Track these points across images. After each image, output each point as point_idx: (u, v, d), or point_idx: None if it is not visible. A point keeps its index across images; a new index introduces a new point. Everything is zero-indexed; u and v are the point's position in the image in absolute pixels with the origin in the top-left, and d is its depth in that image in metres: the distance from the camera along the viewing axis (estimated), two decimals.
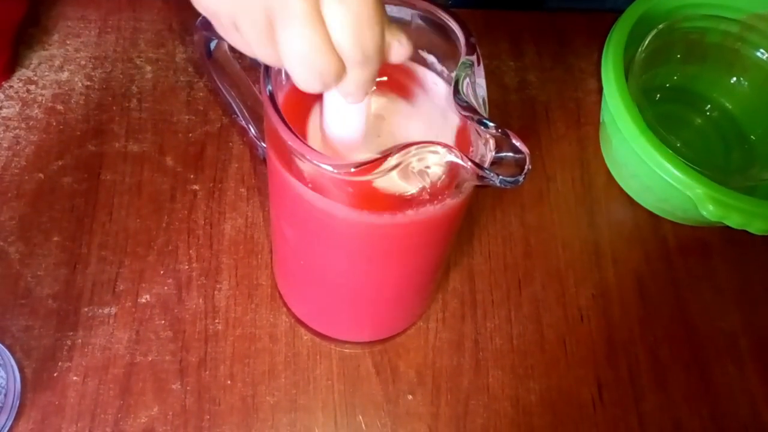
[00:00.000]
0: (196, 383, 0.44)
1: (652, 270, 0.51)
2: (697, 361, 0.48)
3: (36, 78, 0.53)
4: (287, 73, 0.35)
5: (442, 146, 0.29)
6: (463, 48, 0.32)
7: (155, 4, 0.57)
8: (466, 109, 0.30)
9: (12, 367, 0.42)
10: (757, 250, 0.52)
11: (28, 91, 0.53)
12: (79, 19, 0.56)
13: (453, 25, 0.32)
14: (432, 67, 0.36)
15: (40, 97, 0.52)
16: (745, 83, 0.54)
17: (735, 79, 0.55)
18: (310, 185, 0.32)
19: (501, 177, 0.28)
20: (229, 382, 0.44)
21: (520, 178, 0.28)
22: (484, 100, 0.32)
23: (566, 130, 0.55)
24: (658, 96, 0.56)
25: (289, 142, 0.30)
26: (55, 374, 0.43)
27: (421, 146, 0.29)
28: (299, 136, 0.30)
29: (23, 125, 0.51)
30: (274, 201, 0.38)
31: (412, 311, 0.46)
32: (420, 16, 0.33)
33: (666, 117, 0.55)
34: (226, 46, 0.43)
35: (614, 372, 0.47)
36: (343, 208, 0.31)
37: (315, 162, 0.29)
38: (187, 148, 0.51)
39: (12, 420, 0.41)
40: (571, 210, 0.52)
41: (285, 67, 0.27)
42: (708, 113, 0.56)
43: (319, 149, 0.33)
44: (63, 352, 0.44)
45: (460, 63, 0.31)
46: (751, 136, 0.55)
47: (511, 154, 0.29)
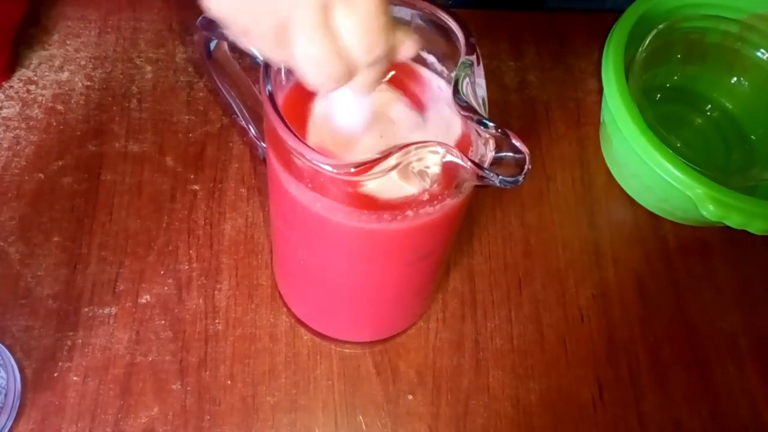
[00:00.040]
0: (197, 383, 0.44)
1: (653, 270, 0.51)
2: (698, 361, 0.48)
3: (36, 78, 0.53)
4: (287, 73, 0.35)
5: (442, 146, 0.29)
6: (463, 48, 0.32)
7: (155, 4, 0.57)
8: (466, 109, 0.30)
9: (12, 368, 0.42)
10: (757, 250, 0.52)
11: (29, 91, 0.53)
12: (79, 19, 0.56)
13: (453, 25, 0.32)
14: (432, 67, 0.36)
15: (41, 98, 0.52)
16: (746, 83, 0.54)
17: (735, 79, 0.55)
18: (309, 185, 0.32)
19: (501, 177, 0.28)
20: (230, 383, 0.44)
21: (520, 178, 0.28)
22: (483, 100, 0.32)
23: (566, 130, 0.55)
24: (659, 96, 0.56)
25: (289, 142, 0.30)
26: (56, 374, 0.43)
27: (420, 146, 0.29)
28: (299, 136, 0.30)
29: (23, 125, 0.51)
30: (274, 201, 0.38)
31: (413, 311, 0.46)
32: (420, 16, 0.34)
33: (666, 117, 0.55)
34: (226, 46, 0.43)
35: (614, 372, 0.47)
36: (343, 208, 0.31)
37: (314, 162, 0.29)
38: (187, 148, 0.51)
39: (12, 420, 0.41)
40: (571, 210, 0.52)
41: (296, 70, 0.28)
42: (708, 113, 0.56)
43: (321, 144, 0.33)
44: (63, 352, 0.44)
45: (460, 63, 0.31)
46: (752, 136, 0.55)
47: (511, 154, 0.29)
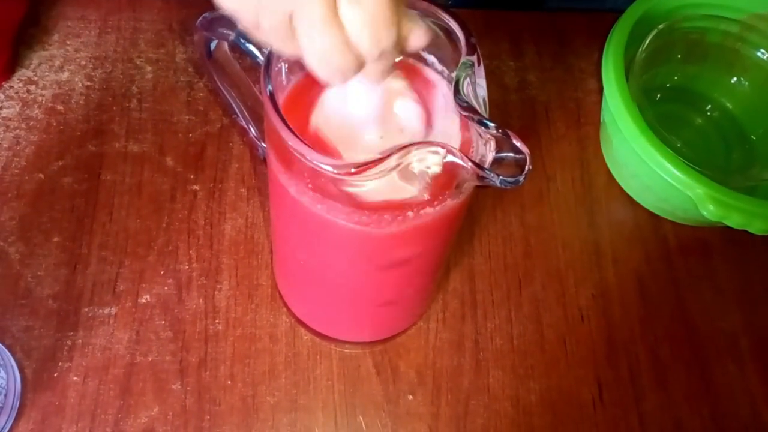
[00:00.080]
0: (197, 383, 0.44)
1: (653, 270, 0.51)
2: (698, 361, 0.48)
3: (36, 78, 0.53)
4: (288, 73, 0.35)
5: (443, 146, 0.29)
6: (464, 48, 0.31)
7: (155, 4, 0.57)
8: (467, 110, 0.30)
9: (12, 368, 0.42)
10: (758, 250, 0.52)
11: (29, 91, 0.53)
12: (79, 19, 0.56)
13: (453, 26, 0.32)
14: (432, 67, 0.36)
15: (41, 98, 0.52)
16: (746, 83, 0.54)
17: (735, 79, 0.55)
18: (310, 185, 0.32)
19: (501, 177, 0.28)
20: (230, 383, 0.44)
21: (521, 179, 0.28)
22: (484, 100, 0.31)
23: (566, 130, 0.55)
24: (659, 96, 0.56)
25: (289, 143, 0.30)
26: (56, 374, 0.43)
27: (421, 146, 0.28)
28: (299, 136, 0.30)
29: (23, 125, 0.51)
30: (274, 201, 0.38)
31: (413, 311, 0.46)
32: (420, 16, 0.33)
33: (666, 117, 0.55)
34: (226, 46, 0.42)
35: (614, 372, 0.47)
36: (344, 208, 0.31)
37: (315, 162, 0.29)
38: (188, 148, 0.51)
39: (12, 420, 0.41)
40: (571, 210, 0.52)
41: (306, 62, 0.28)
42: (708, 113, 0.56)
43: (322, 144, 0.33)
44: (63, 352, 0.44)
45: (461, 63, 0.31)
46: (752, 136, 0.55)
47: (512, 155, 0.29)
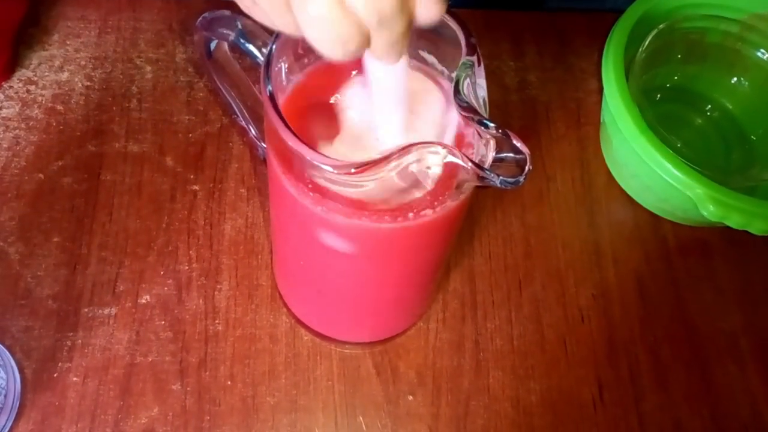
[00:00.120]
0: (197, 384, 0.44)
1: (653, 270, 0.51)
2: (698, 361, 0.48)
3: (36, 78, 0.53)
4: (288, 73, 0.35)
5: (443, 147, 0.28)
6: (464, 48, 0.31)
7: (155, 4, 0.57)
8: (467, 110, 0.30)
9: (12, 368, 0.42)
10: (758, 251, 0.52)
11: (28, 91, 0.53)
12: (79, 20, 0.56)
13: (453, 26, 0.32)
14: (433, 67, 0.36)
15: (40, 98, 0.52)
16: (746, 83, 0.54)
17: (735, 79, 0.55)
18: (310, 186, 0.32)
19: (501, 178, 0.28)
20: (230, 383, 0.44)
21: (521, 179, 0.28)
22: (484, 100, 0.31)
23: (567, 130, 0.55)
24: (659, 96, 0.56)
25: (289, 143, 0.30)
26: (55, 375, 0.43)
27: (421, 147, 0.28)
28: (299, 136, 0.29)
29: (23, 125, 0.51)
30: (274, 201, 0.38)
31: (413, 312, 0.46)
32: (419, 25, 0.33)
33: (666, 117, 0.55)
34: (226, 46, 0.43)
35: (615, 372, 0.47)
36: (343, 209, 0.31)
37: (315, 162, 0.29)
38: (187, 148, 0.51)
39: (12, 421, 0.41)
40: (571, 210, 0.52)
41: (305, 36, 0.26)
42: (708, 113, 0.56)
43: (323, 145, 0.33)
44: (63, 352, 0.44)
45: (461, 63, 0.31)
46: (752, 137, 0.55)
47: (512, 155, 0.29)
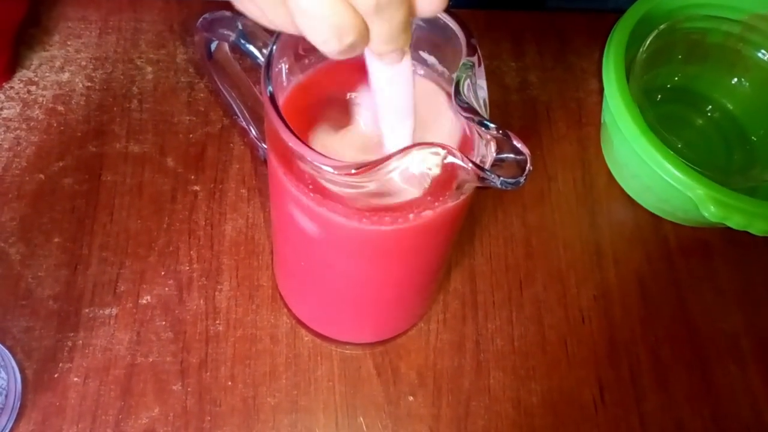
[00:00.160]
0: (197, 384, 0.44)
1: (654, 271, 0.50)
2: (699, 362, 0.48)
3: (37, 79, 0.53)
4: (288, 74, 0.35)
5: (443, 147, 0.28)
6: (464, 49, 0.31)
7: (156, 5, 0.57)
8: (467, 111, 0.30)
9: (13, 368, 0.42)
10: (759, 251, 0.52)
11: (29, 91, 0.53)
12: (80, 20, 0.56)
13: (454, 26, 0.32)
14: (433, 68, 0.36)
15: (41, 98, 0.52)
16: (747, 84, 0.54)
17: (736, 79, 0.55)
18: (310, 186, 0.32)
19: (502, 178, 0.28)
20: (230, 384, 0.44)
21: (521, 180, 0.28)
22: (485, 101, 0.31)
23: (567, 131, 0.55)
24: (660, 96, 0.56)
25: (290, 144, 0.30)
26: (56, 375, 0.43)
27: (421, 147, 0.28)
28: (299, 137, 0.29)
29: (24, 126, 0.51)
30: (275, 202, 0.38)
31: (413, 312, 0.46)
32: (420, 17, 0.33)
33: (667, 117, 0.55)
34: (227, 47, 0.43)
35: (615, 372, 0.47)
36: (344, 209, 0.31)
37: (315, 163, 0.29)
38: (188, 149, 0.51)
39: (13, 421, 0.41)
40: (572, 210, 0.52)
41: (299, 27, 0.25)
42: (709, 114, 0.56)
43: (323, 146, 0.33)
44: (64, 353, 0.44)
45: (461, 64, 0.31)
46: (753, 137, 0.55)
47: (512, 156, 0.29)
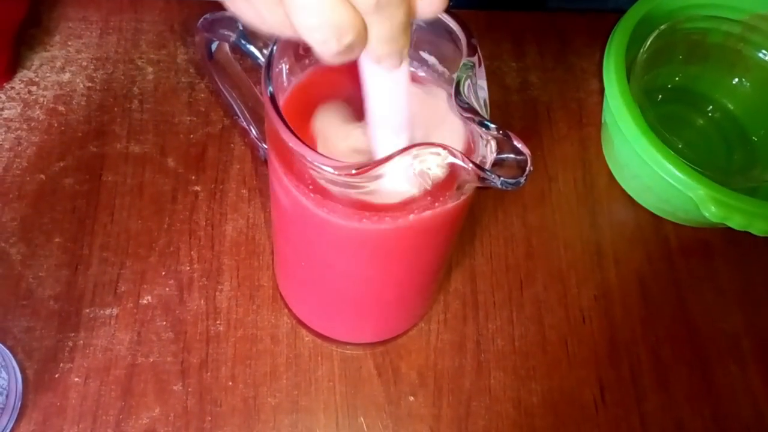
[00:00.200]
0: (198, 384, 0.44)
1: (654, 271, 0.50)
2: (699, 362, 0.48)
3: (37, 79, 0.53)
4: (289, 74, 0.35)
5: (444, 148, 0.28)
6: (465, 49, 0.31)
7: (157, 5, 0.57)
8: (467, 111, 0.30)
9: (13, 369, 0.42)
10: (759, 252, 0.52)
11: (30, 92, 0.53)
12: (81, 20, 0.56)
13: (454, 27, 0.32)
14: (433, 68, 0.36)
15: (42, 98, 0.52)
16: (747, 84, 0.54)
17: (737, 79, 0.55)
18: (311, 187, 0.32)
19: (502, 179, 0.28)
20: (231, 384, 0.44)
21: (522, 180, 0.28)
22: (485, 101, 0.31)
23: (568, 131, 0.55)
24: (660, 97, 0.56)
25: (290, 144, 0.30)
26: (57, 375, 0.43)
27: (422, 148, 0.28)
28: (300, 137, 0.29)
29: (25, 126, 0.51)
30: (275, 202, 0.38)
31: (414, 312, 0.46)
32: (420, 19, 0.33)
33: (668, 118, 0.55)
34: (228, 47, 0.43)
35: (616, 372, 0.47)
36: (344, 209, 0.31)
37: (315, 164, 0.29)
38: (189, 149, 0.51)
39: (13, 421, 0.41)
40: (572, 211, 0.52)
41: (296, 26, 0.25)
42: (710, 114, 0.56)
43: (323, 146, 0.33)
44: (64, 353, 0.44)
45: (462, 64, 0.31)
46: (753, 137, 0.55)
47: (513, 156, 0.29)
